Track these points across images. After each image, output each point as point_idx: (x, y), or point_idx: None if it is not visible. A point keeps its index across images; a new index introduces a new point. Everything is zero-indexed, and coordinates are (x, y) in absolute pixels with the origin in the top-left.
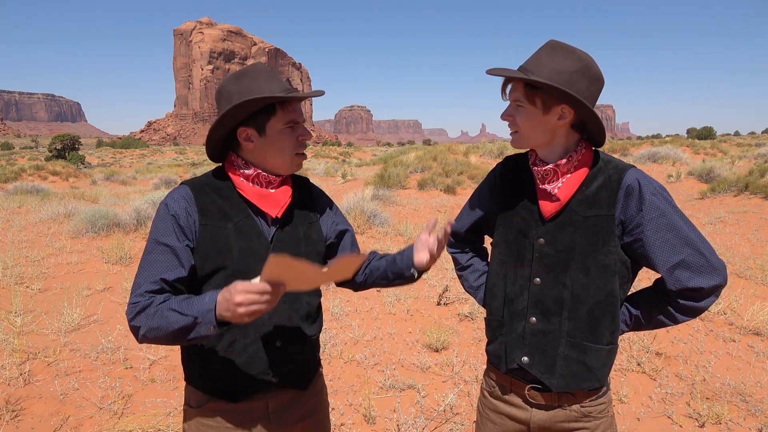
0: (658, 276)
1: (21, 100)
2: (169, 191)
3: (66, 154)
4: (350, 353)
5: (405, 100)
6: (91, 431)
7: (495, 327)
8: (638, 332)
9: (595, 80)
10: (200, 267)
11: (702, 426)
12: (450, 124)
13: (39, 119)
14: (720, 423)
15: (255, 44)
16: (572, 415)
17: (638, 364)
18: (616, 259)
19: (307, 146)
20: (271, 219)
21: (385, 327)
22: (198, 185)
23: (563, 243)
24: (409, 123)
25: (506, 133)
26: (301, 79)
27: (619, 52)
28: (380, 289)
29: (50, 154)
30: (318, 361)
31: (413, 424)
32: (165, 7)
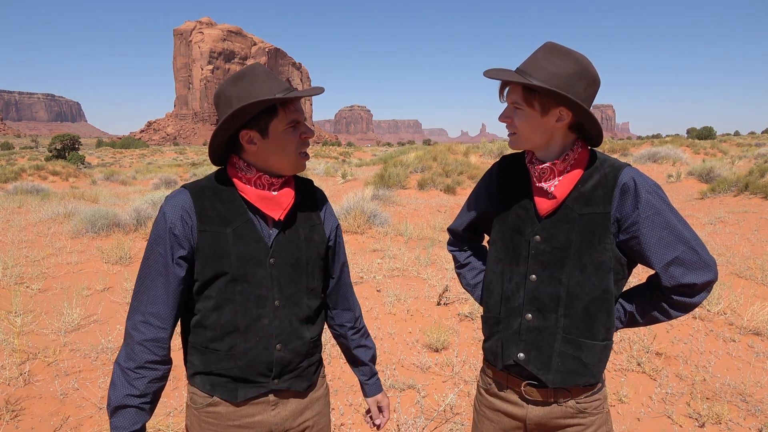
0: (652, 272)
1: (21, 100)
2: (169, 194)
3: (66, 154)
4: None
5: (405, 100)
6: (91, 431)
7: (492, 324)
8: (638, 332)
9: (593, 82)
10: (200, 272)
11: (702, 426)
12: (450, 124)
13: (39, 119)
14: (720, 423)
15: (255, 44)
16: (568, 411)
17: (638, 364)
18: (612, 257)
19: (309, 145)
20: (272, 221)
21: (385, 327)
22: (198, 189)
23: (559, 240)
24: (409, 123)
25: (506, 133)
26: (301, 79)
27: (620, 52)
28: (380, 289)
29: (50, 154)
30: (319, 363)
31: (413, 424)
32: (165, 7)
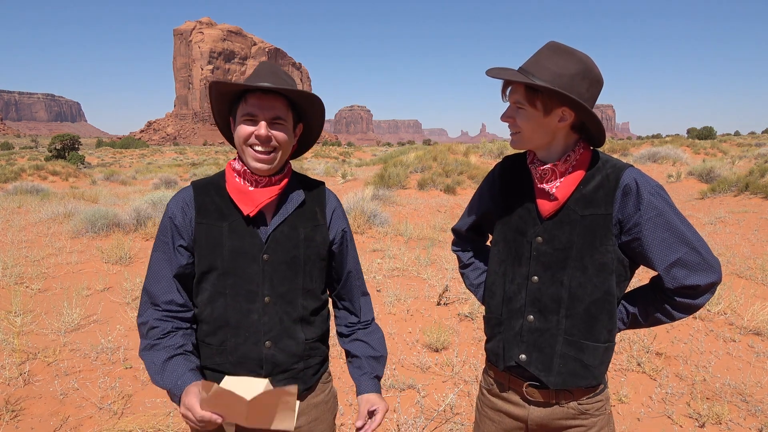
0: (655, 273)
1: (21, 100)
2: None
3: (66, 154)
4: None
5: (405, 100)
6: (91, 431)
7: (494, 325)
8: (638, 332)
9: (596, 82)
10: (198, 264)
11: (702, 426)
12: (450, 124)
13: (39, 119)
14: (720, 423)
15: (255, 44)
16: (570, 413)
17: (638, 364)
18: (614, 258)
19: (260, 144)
20: (270, 219)
21: (385, 327)
22: (202, 185)
23: (561, 241)
24: (409, 123)
25: (506, 133)
26: (301, 79)
27: (620, 52)
28: (380, 289)
29: (50, 154)
30: (321, 366)
31: (413, 424)
32: (165, 7)
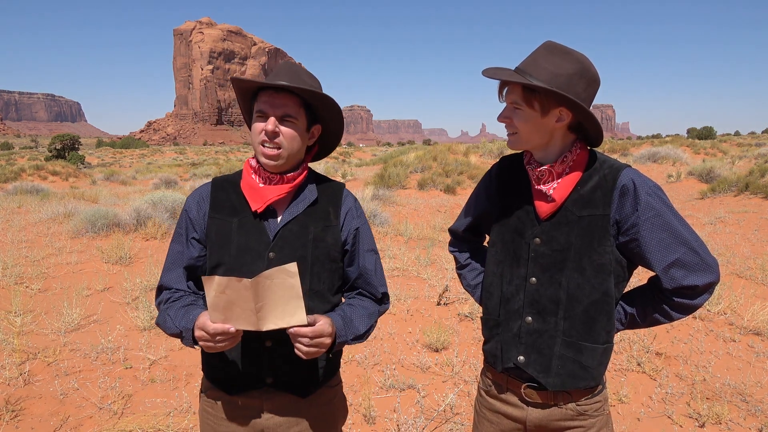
0: (652, 274)
1: (21, 100)
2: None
3: (66, 154)
4: (350, 353)
5: (405, 100)
6: (91, 431)
7: (491, 326)
8: (638, 332)
9: (593, 82)
10: (209, 258)
11: (702, 426)
12: (450, 124)
13: (39, 119)
14: (720, 423)
15: (255, 44)
16: (568, 414)
17: (638, 364)
18: (612, 259)
19: (269, 140)
20: (281, 216)
21: (385, 327)
22: (221, 181)
23: (559, 243)
24: (409, 123)
25: (506, 134)
26: None
27: (620, 52)
28: None
29: (50, 154)
30: (326, 370)
31: (413, 424)
32: (165, 7)
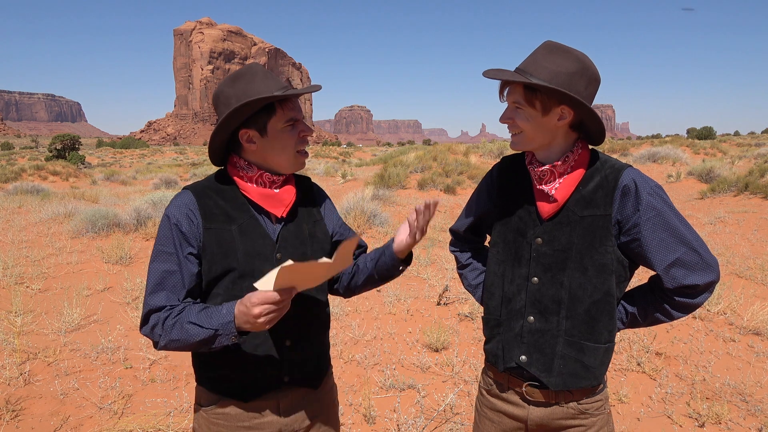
0: (653, 273)
1: (21, 100)
2: (174, 196)
3: (66, 154)
4: (350, 353)
5: (405, 100)
6: (91, 431)
7: (493, 326)
8: (638, 332)
9: (593, 80)
10: (207, 271)
11: (702, 426)
12: (450, 124)
13: (39, 119)
14: (720, 423)
15: (255, 44)
16: (569, 412)
17: (638, 364)
18: (613, 259)
19: (308, 144)
20: (276, 218)
21: (385, 327)
22: (200, 189)
23: (560, 243)
24: (409, 123)
25: (507, 134)
26: (301, 79)
27: (620, 52)
28: (380, 289)
29: (50, 154)
30: (328, 359)
31: (413, 424)
32: (165, 7)
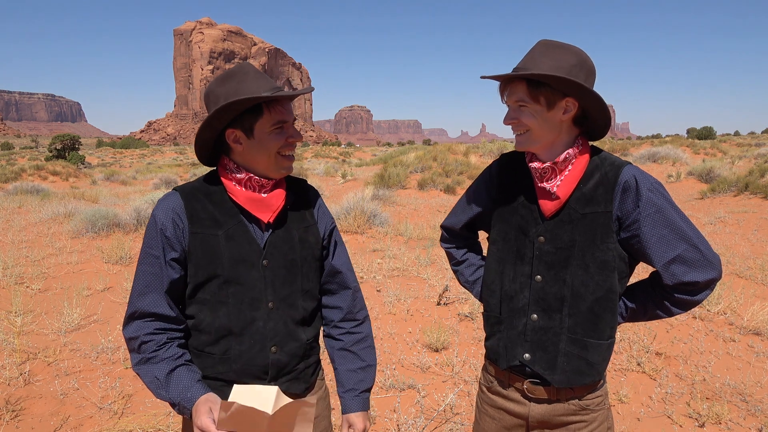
0: (654, 269)
1: (21, 100)
2: (162, 196)
3: (66, 154)
4: None
5: (405, 100)
6: (92, 431)
7: (493, 323)
8: (638, 332)
9: (591, 73)
10: (193, 275)
11: (702, 426)
12: (450, 124)
13: (39, 119)
14: (720, 423)
15: (255, 44)
16: (570, 409)
17: (638, 364)
18: (615, 255)
19: (294, 148)
20: (264, 224)
21: (385, 327)
22: (189, 191)
23: (563, 240)
24: (409, 123)
25: (506, 133)
26: (301, 79)
27: (620, 52)
28: (380, 289)
29: (50, 154)
30: (317, 365)
31: (413, 424)
32: (165, 7)
